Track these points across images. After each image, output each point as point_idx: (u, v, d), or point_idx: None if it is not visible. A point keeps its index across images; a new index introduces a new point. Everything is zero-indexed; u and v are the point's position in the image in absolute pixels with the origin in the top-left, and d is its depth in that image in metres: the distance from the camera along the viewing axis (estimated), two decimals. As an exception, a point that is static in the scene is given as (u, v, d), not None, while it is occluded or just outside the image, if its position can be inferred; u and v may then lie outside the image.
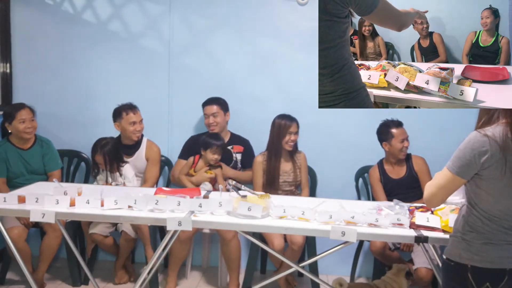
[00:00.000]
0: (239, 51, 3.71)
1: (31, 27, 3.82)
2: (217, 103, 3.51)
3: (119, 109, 3.44)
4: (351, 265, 3.55)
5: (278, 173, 3.37)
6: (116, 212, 2.50)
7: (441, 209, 2.44)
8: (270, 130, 3.40)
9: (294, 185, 3.46)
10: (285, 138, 3.33)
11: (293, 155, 3.44)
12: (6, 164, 3.35)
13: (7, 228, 2.85)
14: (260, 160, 3.43)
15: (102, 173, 3.39)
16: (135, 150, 3.50)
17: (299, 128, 3.39)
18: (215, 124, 3.47)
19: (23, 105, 3.37)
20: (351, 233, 2.29)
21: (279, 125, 3.34)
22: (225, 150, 3.50)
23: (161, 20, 3.73)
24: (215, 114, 3.47)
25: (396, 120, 3.33)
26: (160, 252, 2.69)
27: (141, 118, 3.46)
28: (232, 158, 3.54)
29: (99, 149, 3.36)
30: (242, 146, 3.57)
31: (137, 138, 3.46)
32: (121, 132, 3.46)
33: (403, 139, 3.29)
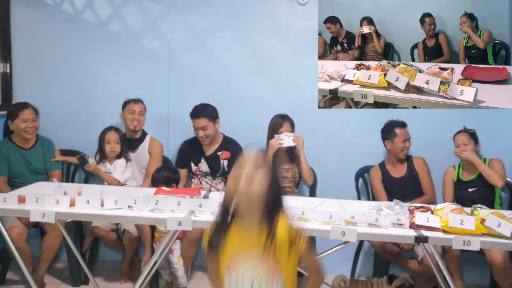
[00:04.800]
0: (239, 51, 3.71)
1: (31, 27, 3.82)
2: (205, 115, 3.39)
3: (126, 101, 3.55)
4: (351, 265, 3.55)
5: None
6: (116, 212, 2.50)
7: (441, 209, 2.44)
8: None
9: (293, 182, 3.47)
10: (273, 137, 3.34)
11: (291, 153, 3.45)
12: (8, 163, 3.36)
13: (7, 228, 2.85)
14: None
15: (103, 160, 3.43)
16: (138, 144, 3.55)
17: (293, 127, 3.41)
18: (205, 137, 3.43)
19: (27, 105, 3.39)
20: (351, 233, 2.28)
21: (272, 123, 3.41)
22: (213, 157, 3.49)
23: (161, 20, 3.72)
24: (204, 128, 3.40)
25: (401, 121, 3.39)
26: (160, 252, 2.69)
27: (141, 110, 3.52)
28: (220, 165, 3.52)
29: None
30: (230, 152, 3.50)
31: (134, 127, 3.50)
32: (124, 123, 3.55)
33: (405, 139, 3.35)
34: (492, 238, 2.26)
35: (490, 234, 2.27)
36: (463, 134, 3.25)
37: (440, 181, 3.39)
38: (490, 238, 2.26)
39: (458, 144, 3.26)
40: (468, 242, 2.23)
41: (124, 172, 3.39)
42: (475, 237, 2.24)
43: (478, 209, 2.42)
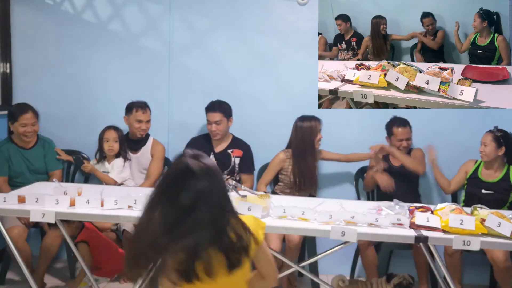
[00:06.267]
0: (239, 51, 3.71)
1: (31, 27, 3.81)
2: (221, 110, 3.44)
3: (131, 105, 3.52)
4: (351, 265, 3.55)
5: (315, 171, 3.40)
6: (116, 212, 2.50)
7: (441, 209, 2.44)
8: (296, 132, 3.39)
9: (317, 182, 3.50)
10: (317, 137, 3.37)
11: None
12: (8, 163, 3.36)
13: (7, 228, 2.85)
14: (282, 157, 3.43)
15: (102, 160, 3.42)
16: (141, 146, 3.55)
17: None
18: (217, 132, 3.45)
19: (27, 108, 3.36)
20: (351, 233, 2.28)
21: (310, 125, 3.36)
22: (223, 154, 3.50)
23: (161, 20, 3.72)
24: (218, 122, 3.43)
25: (402, 119, 3.39)
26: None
27: (148, 118, 3.52)
28: (231, 162, 3.53)
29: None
30: (242, 150, 3.54)
31: (141, 135, 3.52)
32: (128, 126, 3.54)
33: (401, 139, 3.36)
34: (492, 238, 2.26)
35: (490, 234, 2.27)
36: (489, 135, 3.18)
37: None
38: (490, 238, 2.26)
39: (481, 143, 3.22)
40: (468, 242, 2.23)
41: (121, 172, 3.39)
42: (475, 237, 2.24)
43: (478, 209, 2.42)
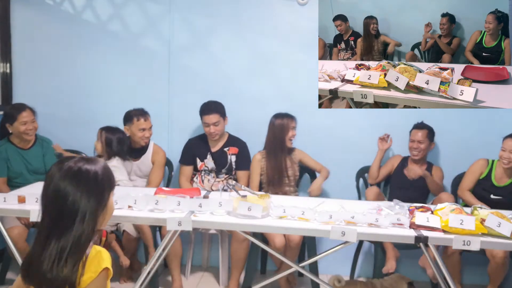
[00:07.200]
0: (239, 51, 3.71)
1: (31, 27, 3.82)
2: (217, 111, 3.44)
3: (130, 114, 3.45)
4: (351, 265, 3.55)
5: (285, 169, 3.42)
6: (116, 212, 2.47)
7: (441, 209, 2.44)
8: (269, 129, 3.45)
9: (294, 181, 3.48)
10: (288, 135, 3.39)
11: (290, 152, 3.49)
12: (7, 163, 3.35)
13: (7, 228, 2.85)
14: (258, 158, 3.47)
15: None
16: (142, 154, 3.52)
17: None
18: (216, 133, 3.45)
19: (24, 107, 3.36)
20: (351, 233, 2.29)
21: (281, 123, 3.41)
22: (220, 153, 3.51)
23: (161, 20, 3.72)
24: (216, 124, 3.43)
25: (422, 124, 3.42)
26: (160, 252, 2.69)
27: (151, 125, 3.49)
28: (227, 160, 3.53)
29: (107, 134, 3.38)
30: (238, 148, 3.55)
31: (145, 143, 3.50)
32: (130, 136, 3.48)
33: (413, 140, 3.40)
34: (492, 238, 2.26)
35: (490, 234, 2.27)
36: (511, 140, 3.11)
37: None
38: (490, 238, 2.26)
39: (504, 148, 3.13)
40: (468, 242, 2.23)
41: (114, 172, 3.37)
42: (475, 237, 2.24)
43: (478, 209, 2.42)
